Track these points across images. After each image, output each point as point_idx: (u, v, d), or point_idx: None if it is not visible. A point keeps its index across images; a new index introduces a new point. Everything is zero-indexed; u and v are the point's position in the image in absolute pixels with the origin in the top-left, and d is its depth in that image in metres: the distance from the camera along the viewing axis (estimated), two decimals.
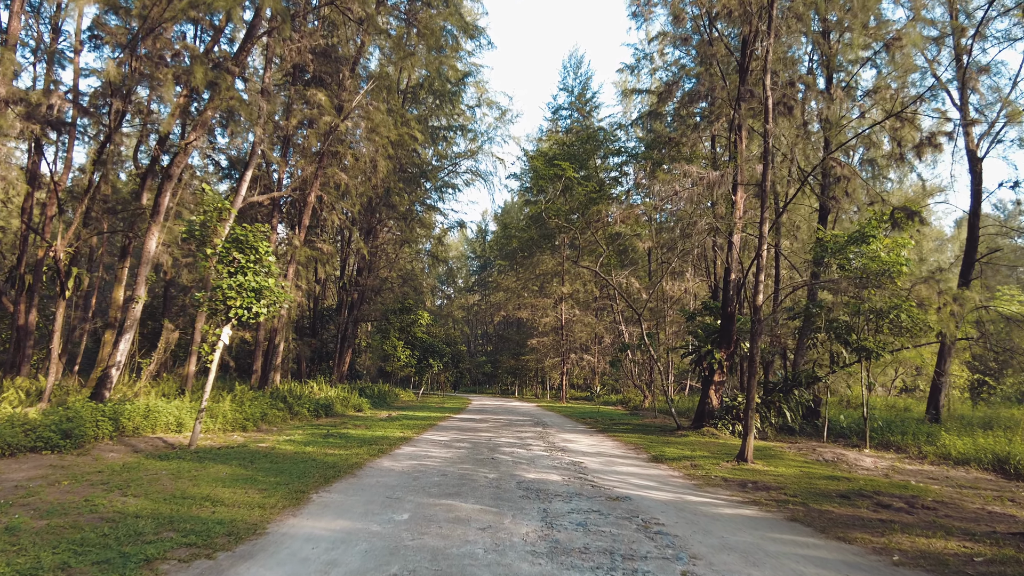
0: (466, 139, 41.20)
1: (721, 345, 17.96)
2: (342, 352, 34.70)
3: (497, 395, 55.79)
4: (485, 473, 8.83)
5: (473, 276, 79.10)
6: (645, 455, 12.34)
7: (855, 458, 12.43)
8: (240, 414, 15.37)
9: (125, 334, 14.97)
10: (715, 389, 17.79)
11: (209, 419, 14.10)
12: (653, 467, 10.66)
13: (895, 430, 17.24)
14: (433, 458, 10.41)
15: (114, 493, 6.53)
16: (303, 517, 5.87)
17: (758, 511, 6.99)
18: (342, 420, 18.77)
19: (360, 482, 7.83)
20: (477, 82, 40.01)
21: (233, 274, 11.28)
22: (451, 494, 7.17)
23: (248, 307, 11.24)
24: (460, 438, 14.08)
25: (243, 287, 11.08)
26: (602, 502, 7.05)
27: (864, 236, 15.16)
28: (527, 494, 7.33)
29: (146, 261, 15.47)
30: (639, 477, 9.25)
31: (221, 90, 14.24)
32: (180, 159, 15.96)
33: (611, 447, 13.64)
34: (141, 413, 12.29)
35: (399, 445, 12.09)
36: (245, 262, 11.33)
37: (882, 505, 7.35)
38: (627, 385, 42.07)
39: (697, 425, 17.46)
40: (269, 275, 11.77)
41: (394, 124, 24.61)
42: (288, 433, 14.09)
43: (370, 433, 14.33)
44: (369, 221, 34.03)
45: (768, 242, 15.78)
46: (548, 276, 46.24)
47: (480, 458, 10.59)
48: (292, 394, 20.85)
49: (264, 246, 11.52)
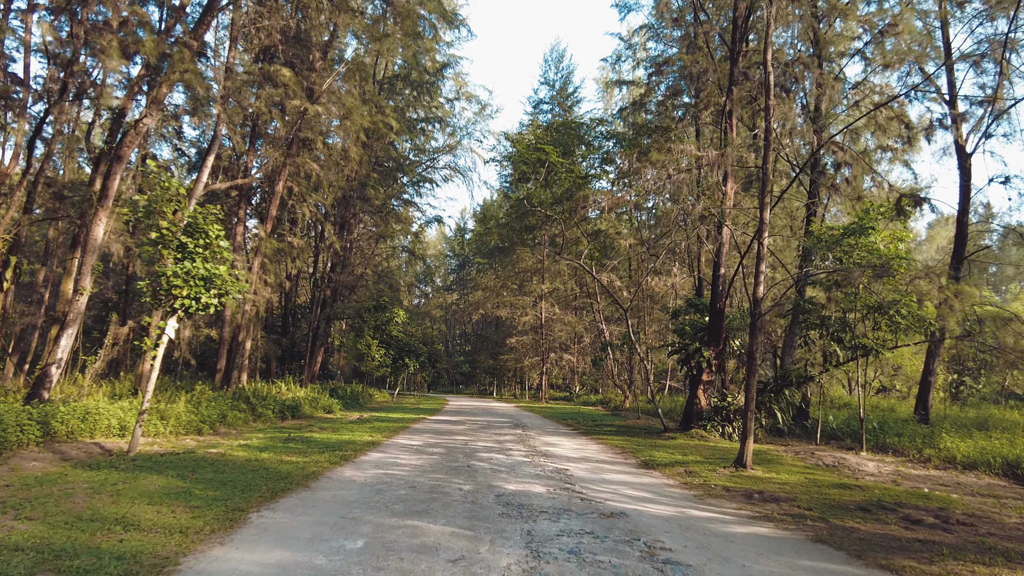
0: (444, 133, 40.04)
1: (710, 343, 17.13)
2: (313, 351, 33.35)
3: (475, 395, 54.67)
4: (460, 484, 7.79)
5: (451, 275, 77.88)
6: (634, 460, 11.40)
7: (857, 462, 11.63)
8: (196, 416, 14.13)
9: (67, 329, 13.67)
10: (703, 389, 16.95)
11: (159, 422, 12.89)
12: (645, 474, 9.72)
13: (888, 432, 16.58)
14: (402, 466, 9.34)
15: (7, 515, 5.37)
16: (232, 545, 4.78)
17: (774, 529, 6.07)
18: (309, 423, 17.57)
19: (313, 496, 6.74)
20: (457, 74, 38.89)
21: (180, 260, 10.08)
22: (418, 512, 6.12)
23: (197, 297, 10.06)
24: (434, 442, 13.01)
25: (191, 274, 9.89)
26: (595, 520, 6.06)
27: (862, 228, 14.44)
28: (508, 511, 6.31)
29: (92, 250, 14.15)
30: (632, 487, 8.30)
31: (175, 62, 13.00)
32: (131, 138, 14.65)
33: (596, 451, 12.69)
34: (78, 416, 11.03)
35: (365, 451, 10.98)
36: (194, 247, 10.14)
37: (911, 520, 6.47)
38: (607, 385, 41.28)
39: (685, 427, 16.60)
40: (222, 262, 10.60)
41: (368, 112, 23.44)
42: (247, 437, 12.90)
43: (336, 437, 13.20)
44: (343, 215, 32.75)
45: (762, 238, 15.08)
46: (528, 274, 45.30)
47: (455, 466, 9.55)
48: (256, 395, 19.57)
49: (216, 229, 10.33)
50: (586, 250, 17.68)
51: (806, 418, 18.09)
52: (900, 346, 15.26)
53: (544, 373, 42.18)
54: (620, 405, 31.52)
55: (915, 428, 16.58)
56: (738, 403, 15.98)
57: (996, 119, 19.36)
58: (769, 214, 10.30)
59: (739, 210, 17.41)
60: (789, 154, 17.60)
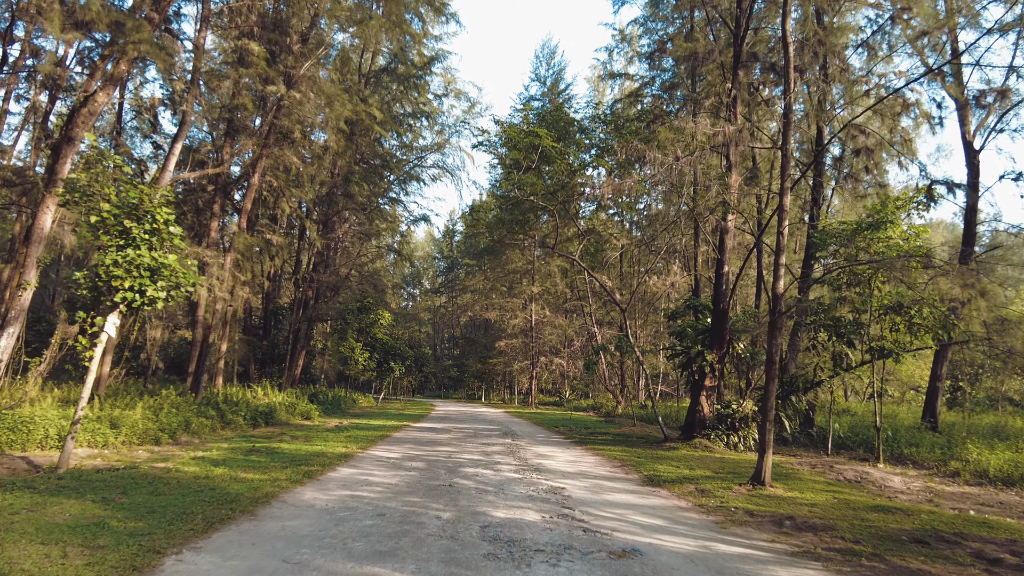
0: (433, 131, 38.83)
1: (712, 346, 16.03)
2: (294, 354, 31.90)
3: (463, 400, 53.34)
4: (438, 511, 6.57)
5: (440, 277, 76.54)
6: (636, 475, 10.24)
7: (880, 477, 10.54)
8: (155, 424, 12.81)
9: (8, 328, 12.32)
10: (706, 395, 15.83)
11: (109, 431, 11.56)
12: (652, 493, 8.55)
13: (901, 441, 15.57)
14: (374, 485, 8.11)
15: None
16: None
17: (826, 572, 4.91)
18: (282, 431, 16.27)
19: (258, 529, 5.49)
20: (446, 69, 37.70)
21: (123, 248, 8.80)
22: (383, 553, 4.90)
23: (141, 290, 8.78)
24: (414, 454, 11.76)
25: (133, 263, 8.62)
26: (604, 562, 4.87)
27: (878, 222, 13.41)
28: (495, 549, 5.10)
29: (38, 240, 12.79)
30: (640, 511, 7.12)
31: (127, 31, 11.72)
32: (84, 118, 13.31)
33: (594, 464, 11.51)
34: (7, 425, 9.72)
35: (335, 466, 9.72)
36: (139, 233, 8.86)
37: (986, 559, 5.34)
38: (598, 390, 40.10)
39: (687, 436, 15.46)
40: (173, 251, 9.34)
41: (351, 101, 22.16)
42: (208, 447, 11.60)
43: (306, 448, 11.92)
44: (326, 213, 31.41)
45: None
46: (518, 275, 44.14)
47: (435, 484, 8.32)
48: (228, 400, 18.25)
49: (164, 213, 9.05)
50: (580, 245, 16.53)
51: (811, 426, 17.04)
52: (919, 348, 14.22)
53: (534, 377, 40.98)
54: (612, 411, 30.40)
55: (931, 438, 15.57)
56: (744, 410, 14.88)
57: (1005, 115, 18.57)
58: (788, 200, 9.19)
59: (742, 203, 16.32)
60: (802, 136, 16.59)
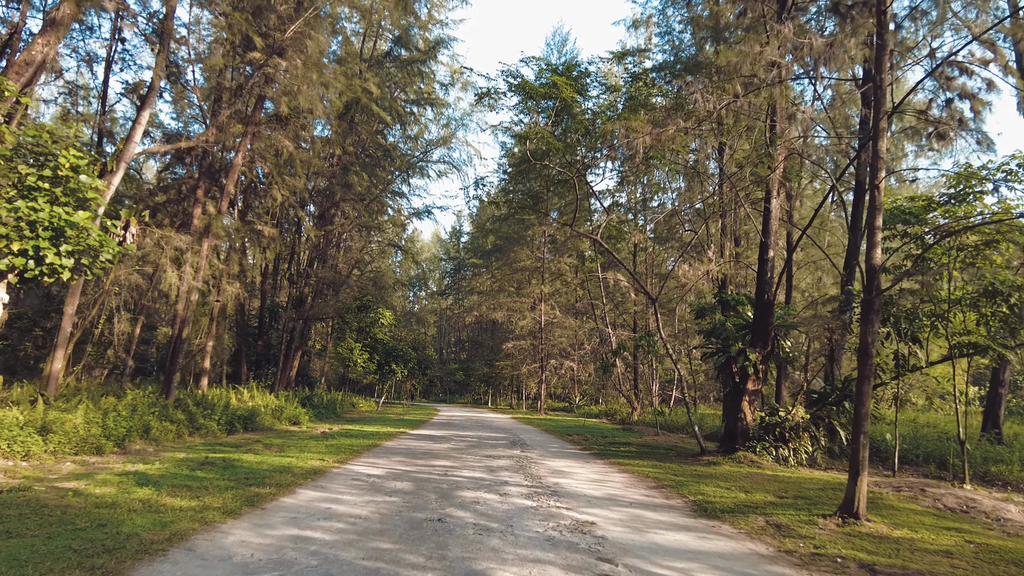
0: (439, 125, 36.96)
1: (755, 344, 13.79)
2: (289, 355, 29.77)
3: (469, 405, 51.14)
4: (415, 568, 4.39)
5: (446, 278, 74.50)
6: (681, 501, 8.02)
7: (992, 506, 8.28)
8: (99, 430, 10.75)
9: None
10: (749, 401, 13.57)
11: (36, 437, 9.49)
12: (711, 530, 6.34)
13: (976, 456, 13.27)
14: (334, 519, 5.93)
15: None
16: None
17: None
18: (258, 438, 14.16)
19: None
20: (453, 55, 35.87)
21: (12, 200, 6.72)
22: None
23: (39, 255, 6.68)
24: (402, 471, 9.57)
25: (25, 219, 6.52)
26: None
27: (962, 194, 11.18)
28: None
29: None
30: (708, 562, 4.92)
31: None
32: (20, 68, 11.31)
33: (623, 484, 9.29)
34: None
35: (295, 487, 7.55)
36: (36, 180, 6.77)
37: None
38: (611, 395, 37.76)
39: (727, 448, 13.19)
40: (83, 208, 7.25)
41: (346, 75, 20.17)
42: (156, 459, 9.49)
43: (273, 461, 9.77)
44: (323, 205, 29.41)
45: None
46: (526, 274, 41.96)
47: (419, 518, 6.13)
48: (201, 403, 16.16)
49: (72, 156, 6.96)
50: (604, 222, 14.35)
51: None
52: (1019, 346, 11.92)
53: (543, 381, 38.72)
54: (627, 417, 28.17)
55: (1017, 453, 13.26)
56: (795, 418, 12.63)
57: None
58: (885, 144, 6.99)
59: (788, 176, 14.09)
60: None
